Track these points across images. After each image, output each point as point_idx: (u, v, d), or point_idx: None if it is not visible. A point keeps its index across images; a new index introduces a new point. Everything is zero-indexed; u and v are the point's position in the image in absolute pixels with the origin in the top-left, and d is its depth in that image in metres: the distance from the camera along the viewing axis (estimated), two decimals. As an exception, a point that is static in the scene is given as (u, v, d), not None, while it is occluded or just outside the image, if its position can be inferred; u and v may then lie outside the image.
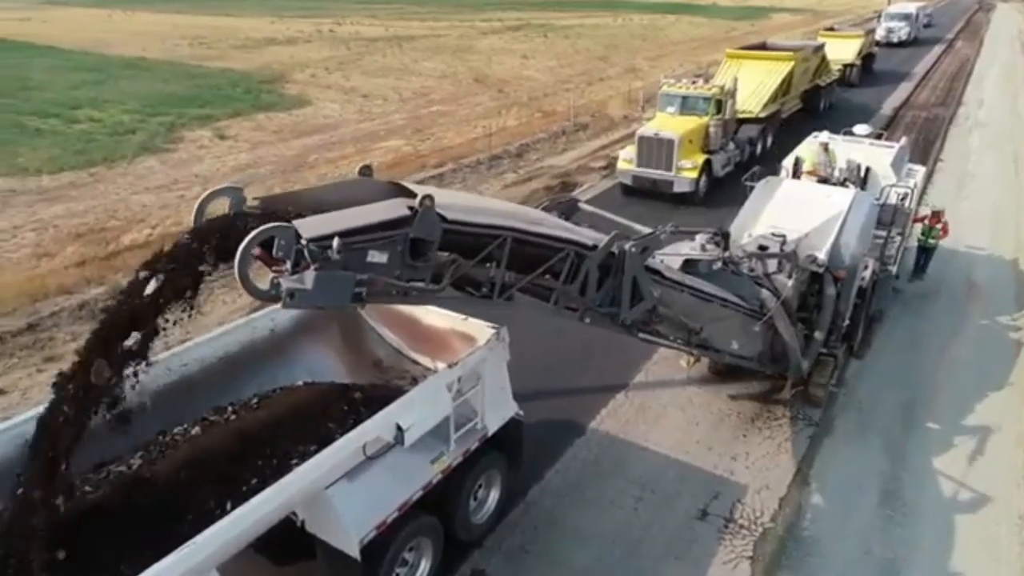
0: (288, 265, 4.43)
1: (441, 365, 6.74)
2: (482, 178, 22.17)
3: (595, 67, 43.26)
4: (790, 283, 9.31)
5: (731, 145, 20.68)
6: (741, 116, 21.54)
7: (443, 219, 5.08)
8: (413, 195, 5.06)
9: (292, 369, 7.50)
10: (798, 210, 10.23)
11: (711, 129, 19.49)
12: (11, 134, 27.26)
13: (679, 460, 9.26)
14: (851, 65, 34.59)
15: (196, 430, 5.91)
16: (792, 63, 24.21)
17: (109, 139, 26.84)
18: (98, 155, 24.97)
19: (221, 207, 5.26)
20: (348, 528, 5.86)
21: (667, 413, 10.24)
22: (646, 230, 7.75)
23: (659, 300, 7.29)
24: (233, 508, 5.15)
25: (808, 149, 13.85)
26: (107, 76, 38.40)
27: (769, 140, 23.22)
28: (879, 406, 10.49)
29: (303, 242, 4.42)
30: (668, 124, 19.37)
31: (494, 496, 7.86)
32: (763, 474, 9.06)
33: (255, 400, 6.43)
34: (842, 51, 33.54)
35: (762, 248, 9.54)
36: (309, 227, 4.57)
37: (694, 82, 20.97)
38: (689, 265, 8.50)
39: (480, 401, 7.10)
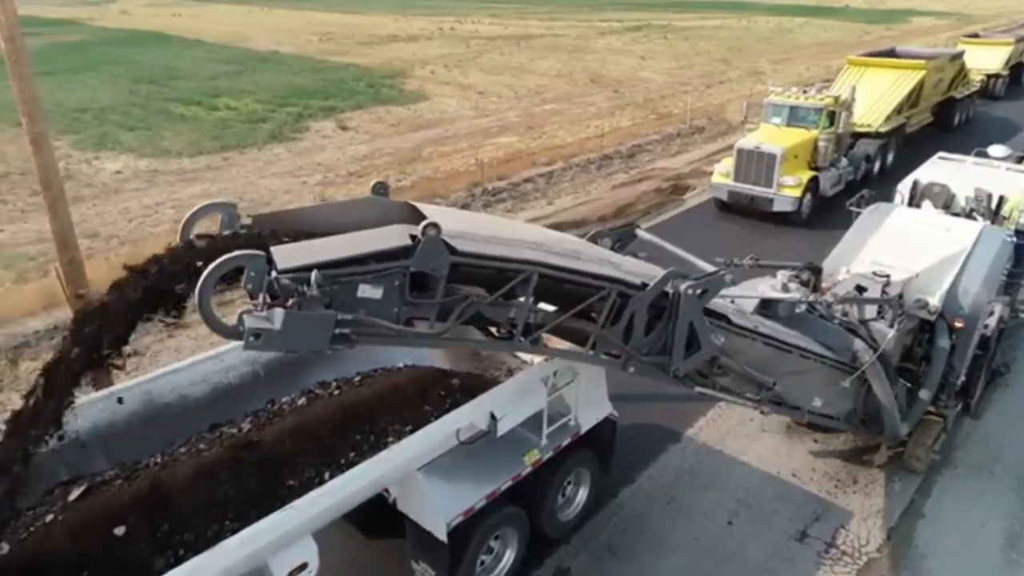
0: (261, 299, 3.95)
1: (538, 359, 6.74)
2: (591, 177, 22.04)
3: (715, 69, 42.09)
4: (892, 333, 7.89)
5: (844, 162, 19.04)
6: (858, 130, 19.85)
7: (452, 250, 4.46)
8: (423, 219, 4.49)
9: (394, 350, 7.70)
10: (910, 244, 8.85)
11: (820, 143, 17.93)
12: (159, 119, 29.62)
13: (779, 478, 8.85)
14: (996, 76, 31.42)
15: (302, 401, 6.18)
16: (923, 73, 21.96)
17: (243, 127, 28.64)
18: (232, 141, 26.71)
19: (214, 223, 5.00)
20: (437, 510, 5.98)
21: (769, 429, 9.81)
22: (709, 267, 6.90)
23: (722, 350, 6.35)
24: (331, 478, 5.38)
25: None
26: (244, 68, 40.99)
27: (890, 158, 21.18)
28: (1011, 439, 9.62)
29: (274, 274, 3.93)
30: (772, 136, 17.97)
31: (582, 495, 7.80)
32: (871, 501, 8.51)
33: (357, 377, 6.65)
34: (987, 60, 30.59)
35: (859, 290, 8.18)
36: (287, 256, 4.11)
37: (805, 91, 19.36)
38: (766, 307, 7.37)
39: (575, 398, 7.05)
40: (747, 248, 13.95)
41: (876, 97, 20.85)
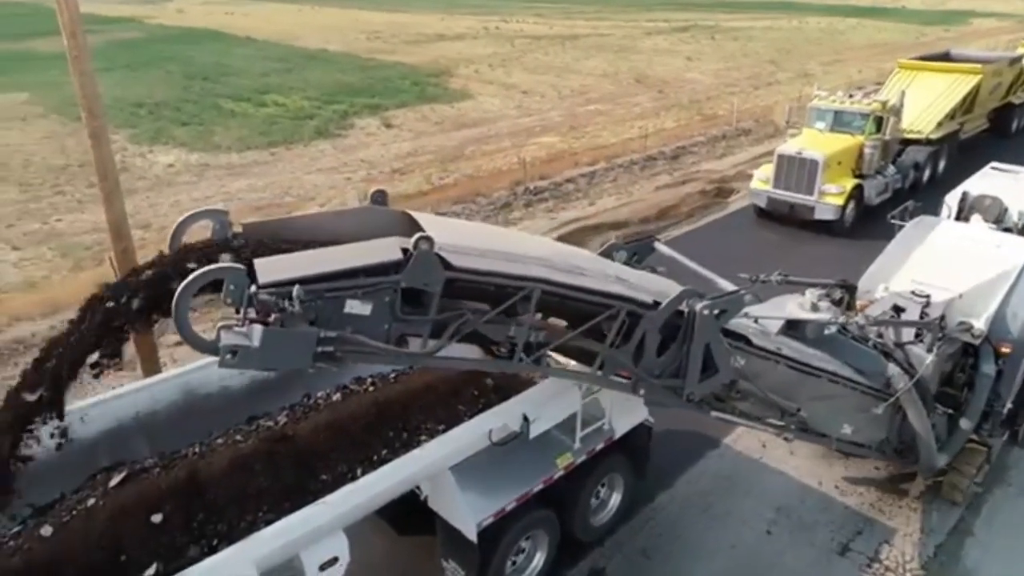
0: (242, 314, 3.81)
1: (573, 362, 6.67)
2: (634, 178, 21.85)
3: (764, 71, 41.34)
4: (930, 358, 7.33)
5: (891, 169, 18.24)
6: (908, 136, 19.10)
7: (447, 265, 4.28)
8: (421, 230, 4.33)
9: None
10: (955, 262, 8.26)
11: (866, 150, 17.18)
12: (210, 114, 30.31)
13: (820, 490, 8.63)
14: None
15: (337, 396, 6.23)
16: (979, 77, 20.88)
17: (290, 123, 29.13)
18: (279, 137, 27.19)
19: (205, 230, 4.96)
20: (467, 510, 5.97)
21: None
22: (728, 286, 6.52)
23: (741, 373, 5.99)
24: (363, 474, 5.41)
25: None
26: (293, 65, 41.69)
27: (941, 166, 20.26)
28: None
29: (253, 289, 3.78)
30: (814, 142, 17.26)
31: (615, 500, 7.71)
32: (918, 517, 8.24)
33: (392, 374, 6.68)
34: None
35: (897, 310, 7.70)
36: (269, 269, 3.99)
37: (851, 95, 18.62)
38: (793, 327, 6.90)
39: (609, 402, 6.97)
40: (785, 258, 13.64)
41: (928, 102, 20.04)
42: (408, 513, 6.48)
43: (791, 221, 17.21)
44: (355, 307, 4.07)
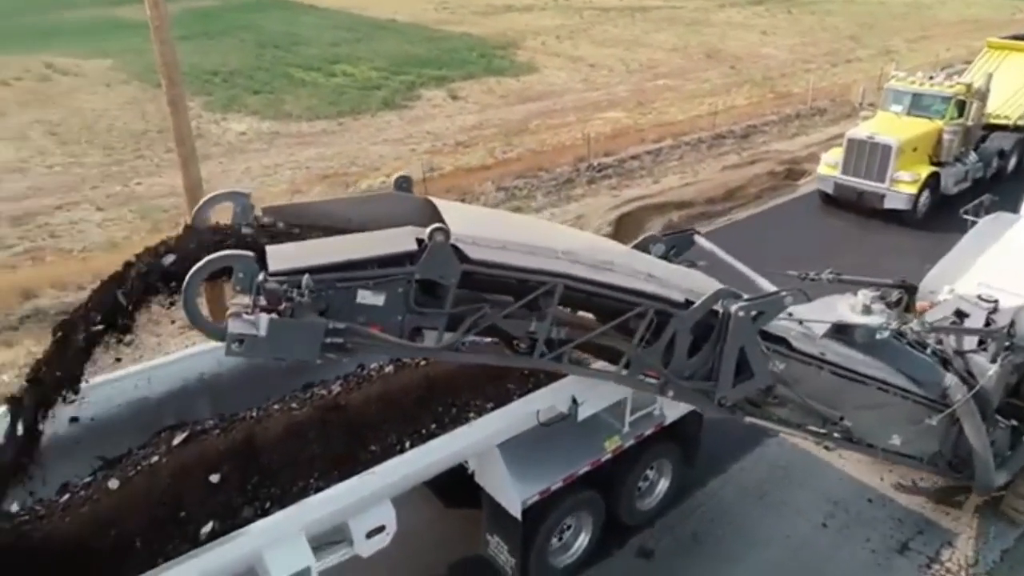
0: (252, 301, 3.77)
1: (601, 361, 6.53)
2: (701, 157, 21.32)
3: (843, 47, 39.53)
4: (993, 369, 6.81)
5: (972, 157, 17.18)
6: (993, 122, 17.90)
7: (464, 257, 4.17)
8: (442, 219, 4.22)
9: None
10: None
11: (945, 136, 16.15)
12: (281, 83, 30.94)
13: (880, 487, 8.38)
14: None
15: (390, 368, 6.34)
16: None
17: (358, 93, 29.49)
18: (347, 107, 27.58)
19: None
20: (513, 488, 6.02)
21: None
22: (768, 286, 6.10)
23: (779, 378, 5.68)
24: (411, 447, 5.52)
25: None
26: (362, 35, 42.04)
27: None
28: None
29: (262, 276, 3.73)
30: (888, 126, 16.32)
31: (663, 485, 7.66)
32: (983, 520, 7.93)
33: (444, 350, 6.75)
34: None
35: (960, 316, 7.20)
36: (281, 258, 3.93)
37: (931, 77, 17.38)
38: (842, 331, 6.47)
39: (661, 387, 6.87)
40: (850, 248, 13.05)
41: (1018, 85, 18.63)
42: (455, 486, 6.59)
43: (859, 209, 16.40)
44: (367, 297, 4.01)
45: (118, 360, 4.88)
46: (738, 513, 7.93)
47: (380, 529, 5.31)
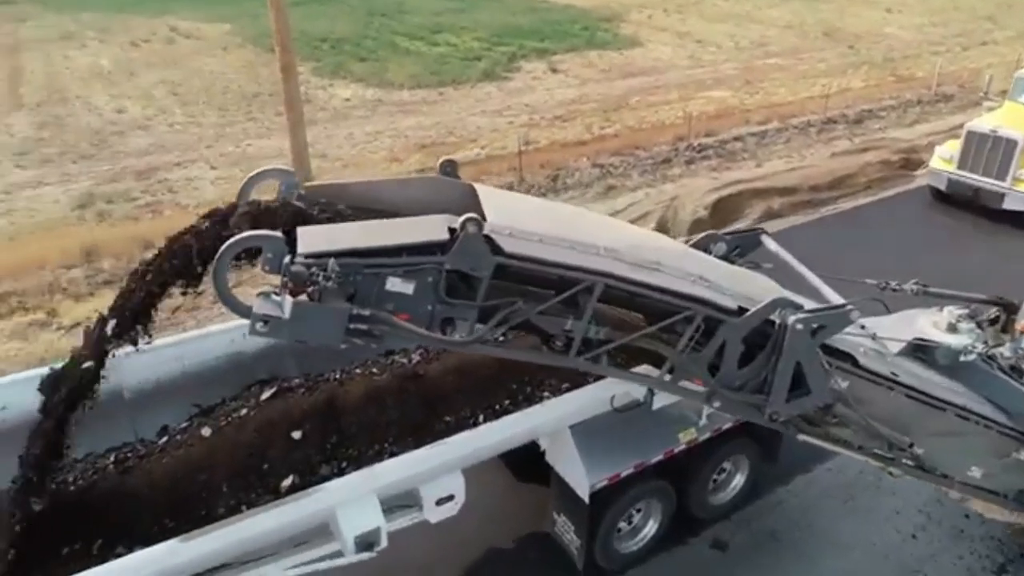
0: (280, 283, 3.72)
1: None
2: (809, 142, 20.31)
3: (978, 28, 36.48)
4: None
5: None
6: None
7: (497, 250, 4.04)
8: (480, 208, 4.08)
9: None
10: None
11: None
12: (386, 51, 31.55)
13: (980, 505, 7.83)
14: None
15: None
16: None
17: (459, 63, 29.68)
18: (448, 77, 27.82)
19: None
20: (583, 471, 6.02)
21: (971, 448, 8.73)
22: (835, 297, 5.57)
23: (841, 396, 5.22)
24: (484, 421, 5.64)
25: None
26: (467, 5, 42.11)
27: None
28: None
29: (288, 259, 3.69)
30: (1016, 119, 14.72)
31: (738, 481, 7.47)
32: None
33: (524, 329, 6.79)
34: None
35: None
36: (311, 240, 3.89)
37: None
38: (922, 349, 5.86)
39: (743, 381, 6.68)
40: (957, 252, 12.03)
41: None
42: (528, 461, 6.65)
43: (974, 208, 15.02)
44: (396, 285, 3.94)
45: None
46: (821, 515, 7.65)
47: (449, 498, 5.42)
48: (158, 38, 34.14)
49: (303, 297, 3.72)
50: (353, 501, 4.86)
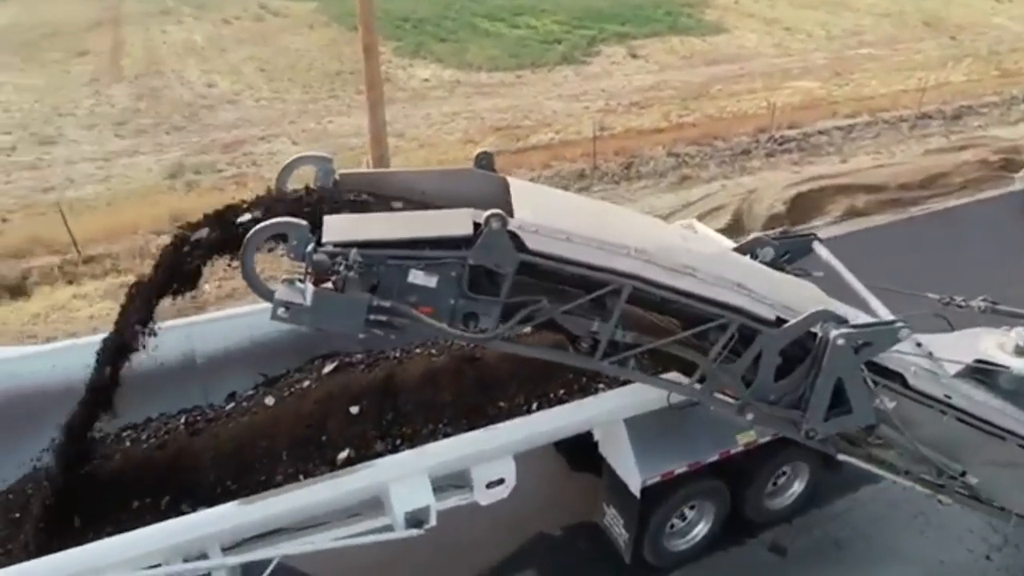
0: (305, 270, 3.77)
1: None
2: (900, 138, 19.34)
3: (1101, 20, 33.80)
4: None
5: None
6: None
7: (522, 247, 3.97)
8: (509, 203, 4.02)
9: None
10: None
11: None
12: (467, 32, 31.68)
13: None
14: None
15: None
16: None
17: (538, 46, 29.54)
18: (527, 60, 27.75)
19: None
20: (635, 465, 5.95)
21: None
22: (884, 312, 5.27)
23: (886, 417, 4.91)
24: (537, 409, 5.66)
25: None
26: (546, -13, 41.78)
27: None
28: None
29: (311, 247, 3.72)
30: None
31: (797, 488, 7.25)
32: None
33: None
34: None
35: None
36: (336, 229, 3.90)
37: None
38: (983, 372, 5.35)
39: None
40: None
41: None
42: (582, 450, 6.63)
43: None
44: (419, 278, 3.94)
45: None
46: (888, 527, 7.38)
47: (500, 481, 5.45)
48: (248, 15, 35.28)
49: (328, 286, 3.77)
50: (405, 478, 4.95)
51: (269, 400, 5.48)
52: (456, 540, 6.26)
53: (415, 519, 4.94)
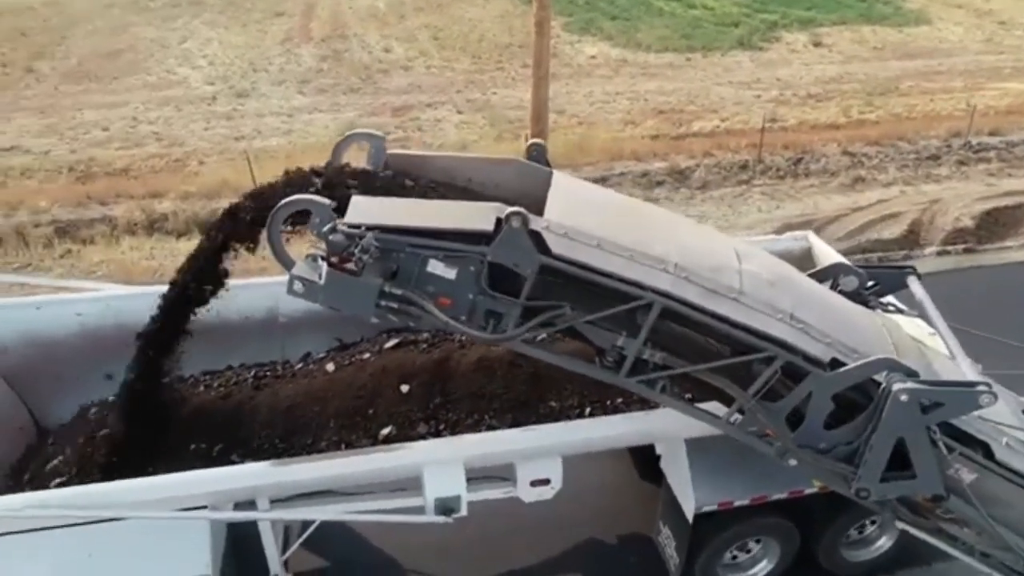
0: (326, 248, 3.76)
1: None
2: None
3: None
4: None
5: None
6: None
7: (544, 249, 3.78)
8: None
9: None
10: None
11: None
12: (639, 10, 30.76)
13: None
14: None
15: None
16: None
17: (713, 28, 28.08)
18: (699, 42, 26.50)
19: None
20: (690, 490, 5.62)
21: None
22: (969, 371, 4.62)
23: (960, 489, 4.25)
24: (590, 415, 5.49)
25: None
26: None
27: None
28: None
29: (329, 226, 3.70)
30: None
31: (884, 543, 6.49)
32: None
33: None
34: None
35: None
36: (361, 211, 3.87)
37: None
38: None
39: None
40: None
41: None
42: (651, 461, 6.35)
43: None
44: (439, 268, 3.87)
45: None
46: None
47: (545, 481, 5.34)
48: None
49: (350, 266, 3.79)
50: (440, 464, 4.96)
51: (330, 366, 5.71)
52: (496, 530, 6.29)
53: (445, 507, 4.95)
